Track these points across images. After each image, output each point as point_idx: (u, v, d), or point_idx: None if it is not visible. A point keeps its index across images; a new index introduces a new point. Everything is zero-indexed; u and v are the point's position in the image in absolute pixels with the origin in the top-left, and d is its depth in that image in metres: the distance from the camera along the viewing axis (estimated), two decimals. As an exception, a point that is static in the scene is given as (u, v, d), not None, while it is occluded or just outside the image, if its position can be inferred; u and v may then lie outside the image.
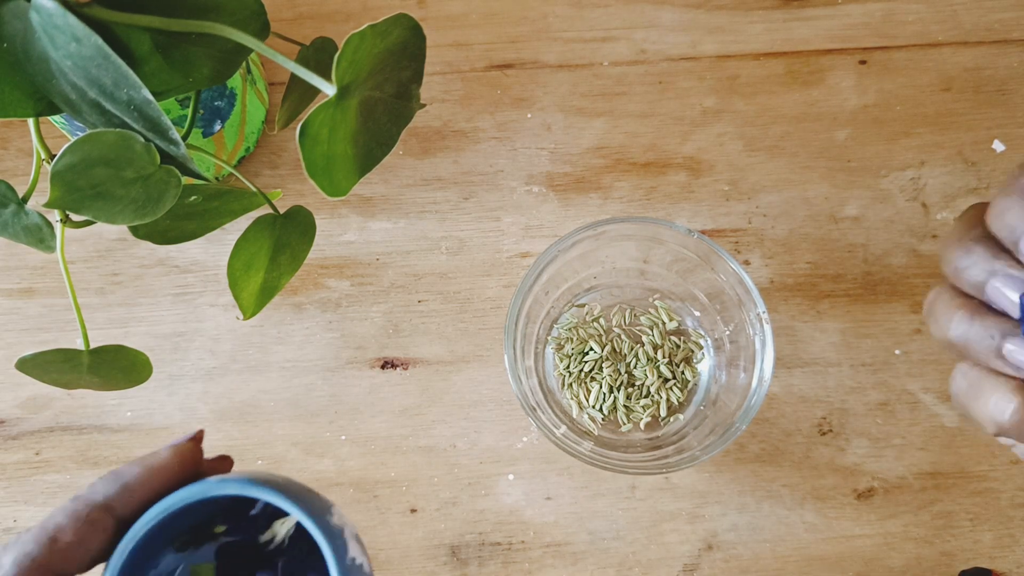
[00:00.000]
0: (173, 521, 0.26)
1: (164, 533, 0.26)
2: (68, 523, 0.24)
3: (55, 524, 0.24)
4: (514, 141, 0.50)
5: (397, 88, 0.33)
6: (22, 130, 0.51)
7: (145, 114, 0.29)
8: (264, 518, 0.29)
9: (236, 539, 0.29)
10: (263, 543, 0.29)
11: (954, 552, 0.45)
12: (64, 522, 0.24)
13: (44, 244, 0.33)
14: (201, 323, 0.48)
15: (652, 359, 0.46)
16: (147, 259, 0.49)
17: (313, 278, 0.48)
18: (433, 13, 0.52)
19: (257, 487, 0.25)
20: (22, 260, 0.49)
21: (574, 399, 0.46)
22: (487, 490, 0.46)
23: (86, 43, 0.27)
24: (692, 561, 0.45)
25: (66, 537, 0.24)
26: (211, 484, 0.25)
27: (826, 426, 0.47)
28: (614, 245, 0.45)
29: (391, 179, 0.50)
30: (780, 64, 0.52)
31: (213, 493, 0.25)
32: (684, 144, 0.50)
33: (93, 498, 0.25)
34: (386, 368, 0.47)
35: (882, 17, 0.52)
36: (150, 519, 0.25)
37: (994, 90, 0.51)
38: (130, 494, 0.25)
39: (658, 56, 0.52)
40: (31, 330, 0.48)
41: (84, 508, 0.25)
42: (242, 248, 0.39)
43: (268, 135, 0.50)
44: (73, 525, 0.24)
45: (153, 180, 0.31)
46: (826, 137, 0.50)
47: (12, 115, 0.29)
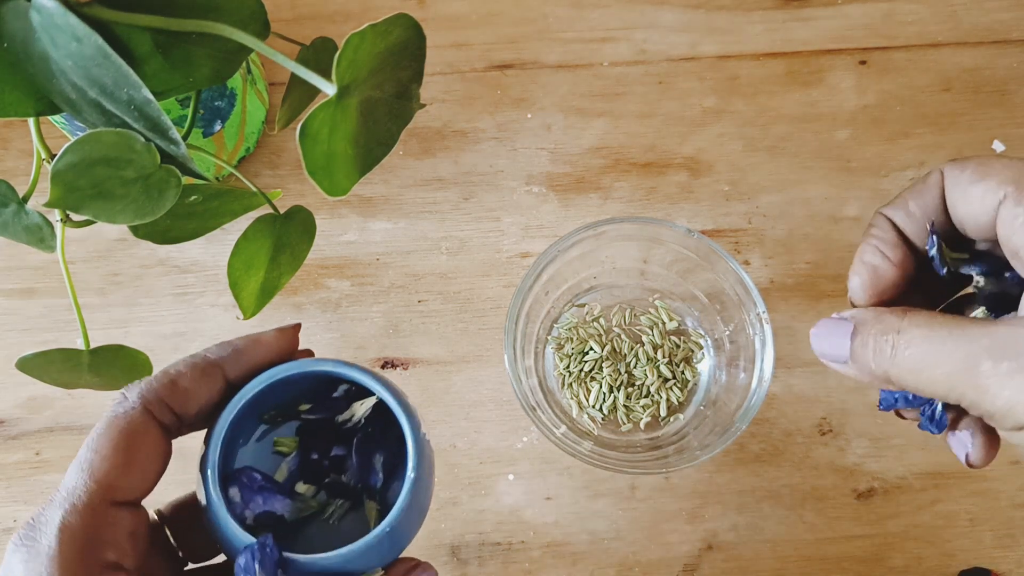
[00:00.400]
0: (267, 395, 0.29)
1: (256, 407, 0.29)
2: (187, 371, 0.27)
3: (176, 370, 0.27)
4: (514, 141, 0.50)
5: (397, 88, 0.33)
6: (22, 130, 0.51)
7: (145, 114, 0.29)
8: (344, 400, 0.32)
9: (317, 417, 0.32)
10: (341, 422, 0.32)
11: (954, 552, 0.45)
12: (183, 369, 0.27)
13: (44, 244, 0.33)
14: (201, 323, 0.48)
15: (652, 359, 0.46)
16: (147, 259, 0.49)
17: (313, 278, 0.49)
18: (433, 13, 0.52)
19: (350, 368, 0.29)
20: (22, 260, 0.49)
21: (574, 399, 0.46)
22: (487, 490, 0.46)
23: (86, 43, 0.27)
24: (692, 561, 0.45)
25: (184, 382, 0.27)
26: (310, 361, 0.29)
27: (826, 426, 0.47)
28: (614, 245, 0.45)
29: (391, 179, 0.50)
30: (780, 64, 0.52)
31: (312, 368, 0.29)
32: (684, 144, 0.50)
33: (208, 356, 0.28)
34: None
35: (882, 17, 0.52)
36: (258, 383, 0.28)
37: (994, 90, 0.51)
38: (239, 358, 0.28)
39: (658, 56, 0.52)
40: (31, 330, 0.48)
41: (201, 362, 0.28)
42: (242, 248, 0.39)
43: (268, 135, 0.50)
44: (191, 372, 0.27)
45: (153, 180, 0.31)
46: (826, 137, 0.50)
47: (12, 115, 0.29)
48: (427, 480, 0.29)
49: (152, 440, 0.26)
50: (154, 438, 0.27)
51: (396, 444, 0.29)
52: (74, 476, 0.25)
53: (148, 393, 0.27)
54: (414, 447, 0.28)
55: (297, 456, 0.32)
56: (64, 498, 0.25)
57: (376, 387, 0.29)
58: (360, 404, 0.32)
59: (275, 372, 0.28)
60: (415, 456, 0.28)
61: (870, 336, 0.26)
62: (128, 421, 0.26)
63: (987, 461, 0.29)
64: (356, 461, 0.31)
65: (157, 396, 0.27)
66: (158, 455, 0.27)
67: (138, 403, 0.26)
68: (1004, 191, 0.25)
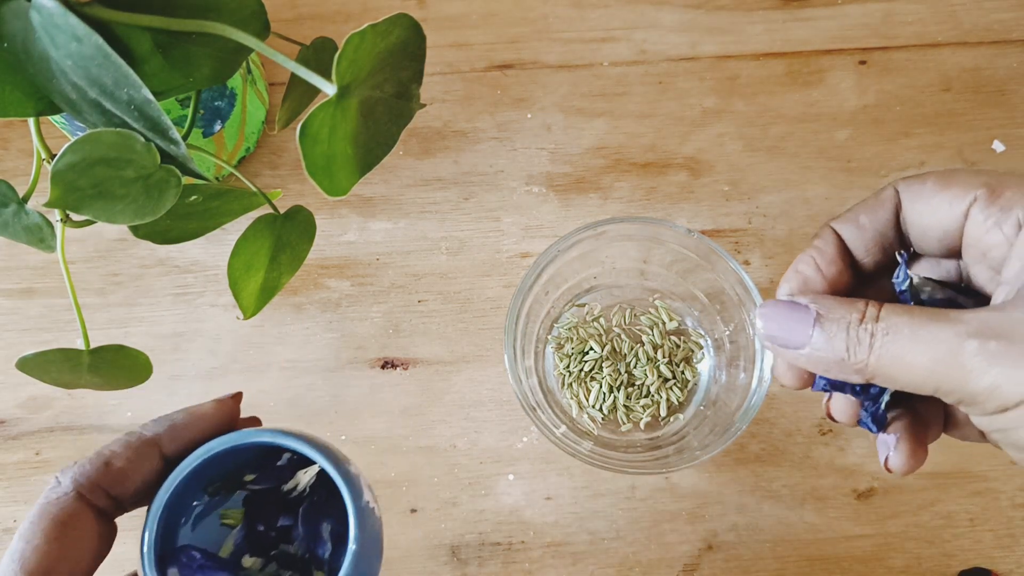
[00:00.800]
0: (209, 467, 0.28)
1: (200, 479, 0.29)
2: (121, 451, 0.27)
3: (110, 451, 0.27)
4: (514, 141, 0.50)
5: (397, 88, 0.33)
6: (22, 130, 0.51)
7: (145, 114, 0.29)
8: (289, 468, 0.32)
9: (262, 487, 0.32)
10: (286, 491, 0.32)
11: (954, 552, 0.45)
12: (118, 450, 0.27)
13: (44, 244, 0.33)
14: (201, 323, 0.48)
15: (652, 359, 0.46)
16: (147, 259, 0.49)
17: (313, 278, 0.49)
18: (433, 13, 0.52)
19: (288, 437, 0.28)
20: (22, 260, 0.49)
21: (574, 399, 0.46)
22: (487, 490, 0.46)
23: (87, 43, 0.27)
24: (692, 561, 0.45)
25: (119, 462, 0.27)
26: (248, 433, 0.28)
27: (826, 426, 0.47)
28: (614, 245, 0.45)
29: (391, 179, 0.50)
30: (780, 64, 0.52)
31: (250, 440, 0.28)
32: (684, 144, 0.50)
33: (144, 433, 0.28)
34: (386, 368, 0.47)
35: (882, 17, 0.52)
36: (195, 458, 0.28)
37: (994, 90, 0.51)
38: (176, 435, 0.28)
39: (658, 56, 0.52)
40: (31, 330, 0.48)
41: (136, 441, 0.28)
42: (242, 248, 0.39)
43: (268, 135, 0.50)
44: (126, 452, 0.27)
45: (153, 180, 0.31)
46: (826, 137, 0.50)
47: (12, 115, 0.29)
48: (371, 550, 0.28)
49: (86, 526, 0.26)
50: (88, 524, 0.26)
51: (343, 511, 0.28)
52: (5, 568, 0.25)
53: (81, 477, 0.26)
54: (355, 517, 0.27)
55: (243, 528, 0.31)
56: None
57: (316, 456, 0.28)
58: (304, 472, 0.31)
59: (211, 447, 0.28)
60: (356, 527, 0.27)
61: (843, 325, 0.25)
62: (60, 508, 0.26)
63: (908, 468, 0.28)
64: (303, 531, 0.31)
65: (90, 480, 0.26)
66: (93, 541, 0.26)
67: (71, 489, 0.26)
68: (974, 194, 0.25)
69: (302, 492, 0.32)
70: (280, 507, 0.32)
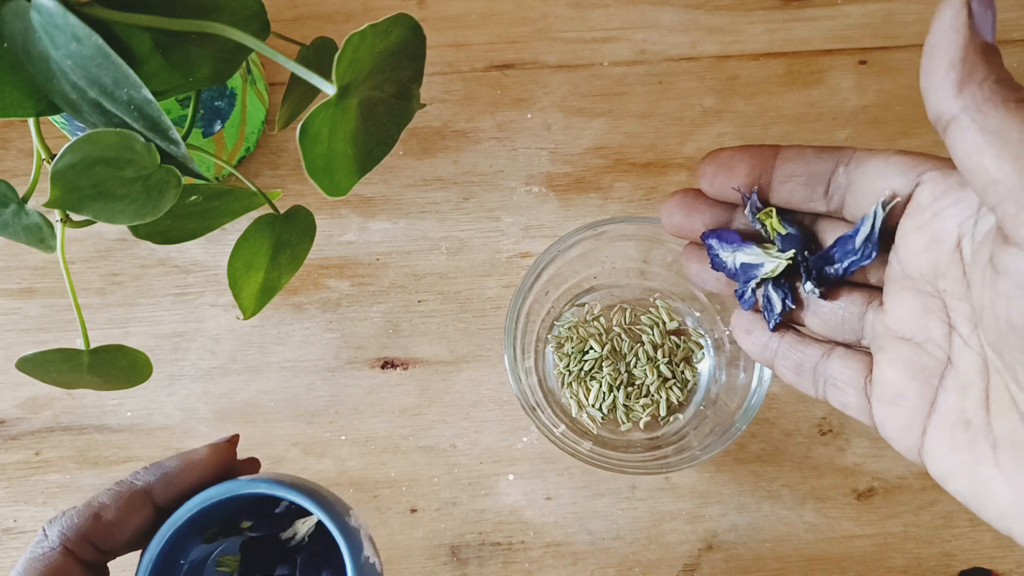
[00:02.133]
0: (205, 514, 0.28)
1: (196, 524, 0.28)
2: (111, 502, 0.26)
3: (99, 502, 0.26)
4: (514, 141, 0.50)
5: (397, 88, 0.33)
6: (22, 130, 0.51)
7: (145, 114, 0.29)
8: (287, 516, 0.31)
9: (260, 534, 0.31)
10: (284, 539, 0.31)
11: (954, 552, 0.45)
12: (108, 501, 0.26)
13: (44, 244, 0.33)
14: (201, 323, 0.48)
15: (652, 358, 0.46)
16: (147, 259, 0.49)
17: (313, 278, 0.48)
18: (433, 13, 0.52)
19: (285, 488, 0.27)
20: (22, 260, 0.49)
21: (573, 398, 0.46)
22: (487, 490, 0.46)
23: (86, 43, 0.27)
24: (692, 561, 0.45)
25: (108, 514, 0.26)
26: (244, 483, 0.27)
27: (826, 426, 0.47)
28: (614, 245, 0.45)
29: (391, 179, 0.50)
30: (780, 64, 0.52)
31: (245, 491, 0.27)
32: (684, 144, 0.50)
33: (135, 483, 0.27)
34: (386, 368, 0.47)
35: (882, 17, 0.52)
36: (188, 510, 0.27)
37: (994, 90, 0.51)
38: (169, 483, 0.27)
39: (658, 56, 0.52)
40: (31, 330, 0.48)
41: (127, 491, 0.27)
42: (242, 248, 0.39)
43: (268, 135, 0.50)
44: (115, 504, 0.26)
45: (153, 180, 0.31)
46: (826, 137, 0.50)
47: (12, 115, 0.29)
48: None
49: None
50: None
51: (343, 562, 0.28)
52: None
53: (69, 531, 0.26)
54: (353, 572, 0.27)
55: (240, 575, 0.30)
56: None
57: (314, 509, 0.27)
58: (303, 522, 0.31)
59: (206, 497, 0.27)
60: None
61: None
62: (46, 564, 0.25)
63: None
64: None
65: (79, 533, 0.26)
66: None
67: (57, 543, 0.25)
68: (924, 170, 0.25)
69: (301, 541, 0.31)
70: (278, 555, 0.31)
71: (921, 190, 0.25)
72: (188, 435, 0.46)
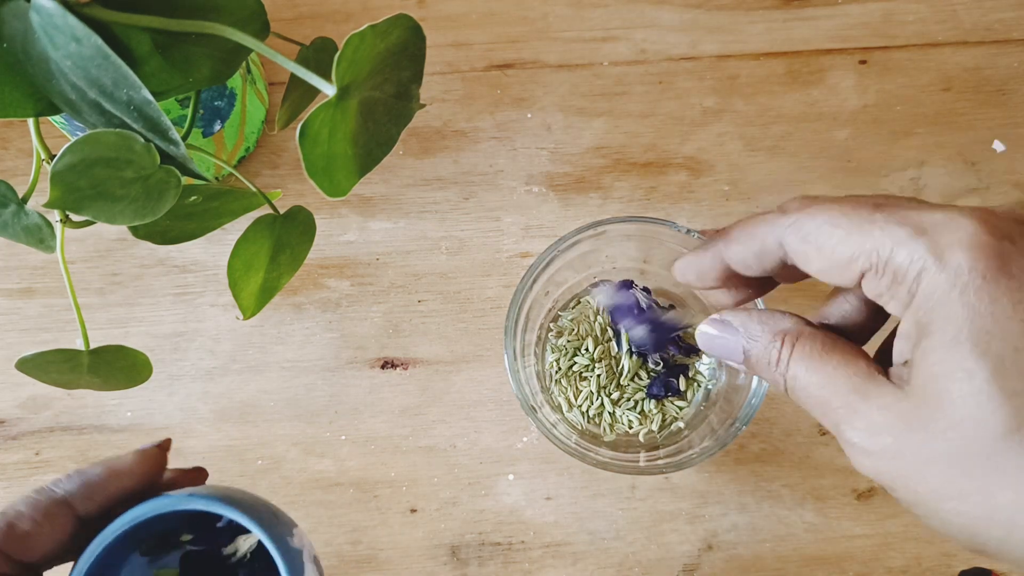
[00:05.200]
0: (141, 527, 0.26)
1: (131, 537, 0.26)
2: (27, 512, 0.25)
3: (15, 511, 0.25)
4: (514, 141, 0.50)
5: (397, 88, 0.33)
6: (22, 130, 0.51)
7: (145, 114, 0.29)
8: (229, 531, 0.29)
9: (201, 548, 0.30)
10: (226, 555, 0.30)
11: (954, 552, 0.45)
12: (24, 510, 0.25)
13: (44, 244, 0.33)
14: (201, 323, 0.48)
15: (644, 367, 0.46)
16: (147, 259, 0.49)
17: (313, 278, 0.48)
18: (433, 13, 0.52)
19: (222, 504, 0.26)
20: (22, 260, 0.49)
21: (562, 395, 0.46)
22: (487, 490, 0.46)
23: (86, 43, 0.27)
24: (692, 561, 0.45)
25: (24, 525, 0.24)
26: (181, 498, 0.26)
27: (826, 426, 0.47)
28: (614, 245, 0.45)
29: (391, 179, 0.50)
30: (780, 64, 0.52)
31: (182, 507, 0.26)
32: (684, 144, 0.50)
33: (55, 492, 0.25)
34: (386, 368, 0.47)
35: (882, 17, 0.52)
36: (121, 525, 0.25)
37: (994, 90, 0.51)
38: (91, 493, 0.26)
39: (658, 56, 0.52)
40: (31, 330, 0.48)
41: (46, 500, 0.25)
42: (242, 248, 0.39)
43: (268, 135, 0.50)
44: (31, 514, 0.25)
45: (153, 180, 0.31)
46: (826, 137, 0.50)
47: (12, 115, 0.29)
48: None
49: None
50: None
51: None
52: None
53: None
54: None
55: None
56: None
57: (253, 527, 0.26)
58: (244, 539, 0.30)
59: (139, 513, 0.25)
60: None
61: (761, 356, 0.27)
62: None
63: None
64: None
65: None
66: None
67: None
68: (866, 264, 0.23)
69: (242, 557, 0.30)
70: (219, 571, 0.30)
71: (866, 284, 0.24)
72: (188, 435, 0.46)
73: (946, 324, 0.21)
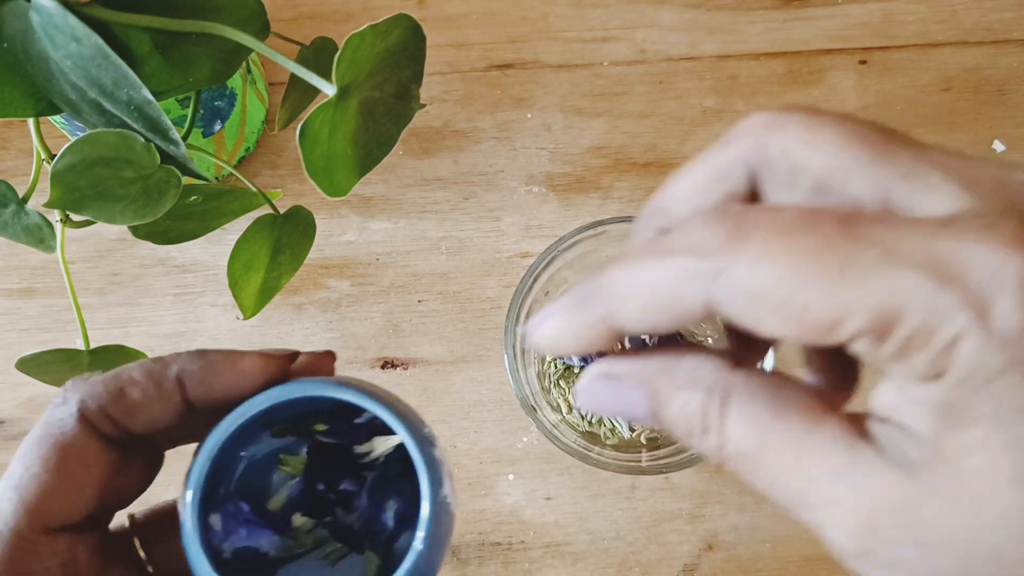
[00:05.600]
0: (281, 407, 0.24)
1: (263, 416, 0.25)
2: (141, 380, 0.23)
3: (129, 376, 0.23)
4: (514, 141, 0.50)
5: (397, 88, 0.33)
6: (22, 130, 0.51)
7: (145, 114, 0.29)
8: (367, 430, 0.27)
9: (333, 441, 0.28)
10: (358, 453, 0.27)
11: (954, 552, 0.45)
12: (139, 378, 0.23)
13: (44, 244, 0.33)
14: (201, 323, 0.48)
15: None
16: (147, 259, 0.49)
17: (313, 278, 0.48)
18: (433, 13, 0.52)
19: (374, 401, 0.24)
20: (22, 260, 0.49)
21: (561, 396, 0.46)
22: (487, 490, 0.46)
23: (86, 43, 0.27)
24: (692, 561, 0.45)
25: (135, 393, 0.23)
26: (330, 386, 0.24)
27: (826, 426, 0.47)
28: (614, 245, 0.45)
29: (391, 179, 0.50)
30: (780, 64, 0.52)
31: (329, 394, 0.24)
32: (684, 144, 0.50)
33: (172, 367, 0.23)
34: (386, 368, 0.47)
35: (882, 17, 0.52)
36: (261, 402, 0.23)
37: (994, 90, 0.51)
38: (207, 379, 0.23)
39: (658, 56, 0.52)
40: (31, 330, 0.48)
41: (159, 372, 0.23)
42: (242, 248, 0.39)
43: (268, 135, 0.50)
44: (144, 384, 0.23)
45: (153, 180, 0.31)
46: (826, 137, 0.50)
47: (12, 115, 0.29)
48: (437, 552, 0.24)
49: (91, 456, 0.22)
50: (93, 453, 0.22)
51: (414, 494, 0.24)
52: (3, 495, 0.22)
53: (89, 399, 0.22)
54: (429, 512, 0.23)
55: (302, 480, 0.28)
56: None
57: (400, 430, 0.24)
58: (383, 440, 0.27)
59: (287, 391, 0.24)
60: (428, 524, 0.23)
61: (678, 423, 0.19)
62: (62, 432, 0.22)
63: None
64: (366, 503, 0.27)
65: (99, 404, 0.22)
66: (100, 472, 0.22)
67: (75, 410, 0.22)
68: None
69: (375, 460, 0.28)
70: (347, 468, 0.28)
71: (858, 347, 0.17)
72: (188, 435, 0.46)
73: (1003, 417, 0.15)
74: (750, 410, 0.18)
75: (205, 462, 0.23)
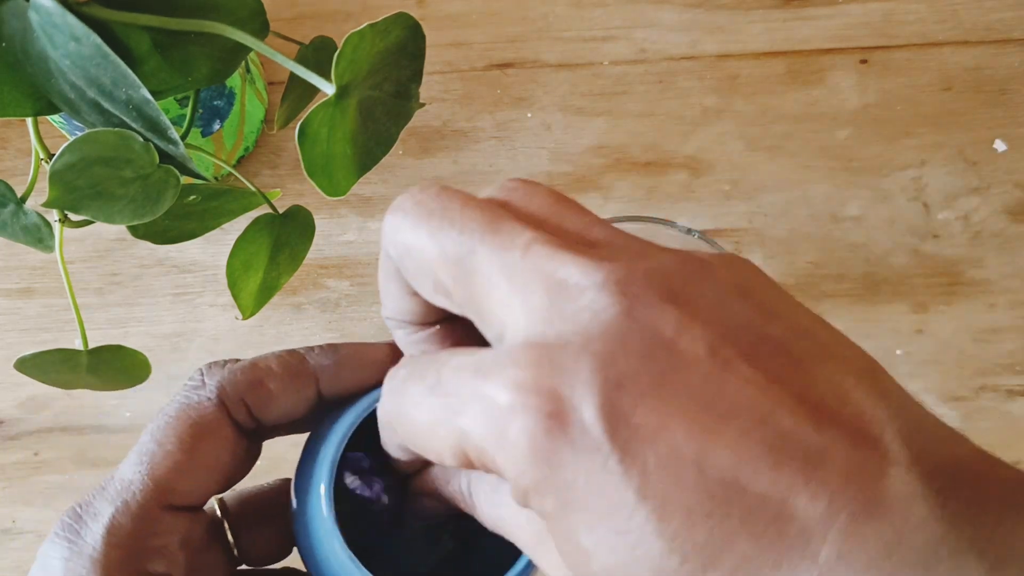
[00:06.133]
0: None
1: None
2: (279, 372, 0.23)
3: (266, 366, 0.23)
4: (514, 141, 0.50)
5: (396, 87, 0.32)
6: (21, 130, 0.51)
7: (144, 113, 0.29)
8: None
9: None
10: None
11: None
12: (276, 369, 0.23)
13: (43, 244, 0.33)
14: (200, 323, 0.48)
15: None
16: (146, 259, 0.49)
17: (312, 278, 0.48)
18: (433, 12, 0.52)
19: None
20: (21, 260, 0.49)
21: None
22: (487, 490, 0.46)
23: (85, 42, 0.27)
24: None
25: (273, 383, 0.23)
26: None
27: (827, 426, 0.46)
28: (614, 245, 0.45)
29: (391, 179, 0.50)
30: (781, 63, 0.51)
31: None
32: (685, 144, 0.50)
33: (308, 361, 0.24)
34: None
35: (882, 17, 0.52)
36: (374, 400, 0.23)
37: (995, 90, 0.51)
38: (339, 373, 0.24)
39: (658, 55, 0.52)
40: (30, 330, 0.48)
41: (296, 366, 0.23)
42: (241, 248, 0.39)
43: (267, 134, 0.50)
44: (282, 376, 0.23)
45: (152, 180, 0.31)
46: (827, 137, 0.50)
47: (11, 115, 0.29)
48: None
49: (223, 441, 0.23)
50: (226, 439, 0.23)
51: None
52: (132, 468, 0.22)
53: (228, 386, 0.23)
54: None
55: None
56: (117, 492, 0.22)
57: None
58: None
59: None
60: None
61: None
62: (200, 414, 0.22)
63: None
64: None
65: (237, 391, 0.23)
66: (228, 458, 0.23)
67: (214, 394, 0.22)
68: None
69: None
70: None
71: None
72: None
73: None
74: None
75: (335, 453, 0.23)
